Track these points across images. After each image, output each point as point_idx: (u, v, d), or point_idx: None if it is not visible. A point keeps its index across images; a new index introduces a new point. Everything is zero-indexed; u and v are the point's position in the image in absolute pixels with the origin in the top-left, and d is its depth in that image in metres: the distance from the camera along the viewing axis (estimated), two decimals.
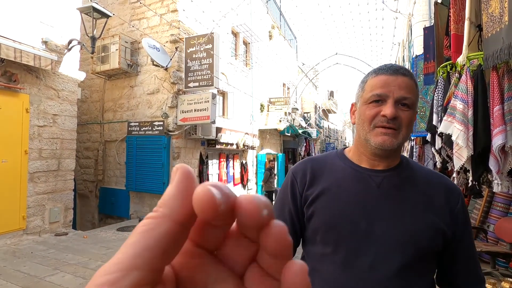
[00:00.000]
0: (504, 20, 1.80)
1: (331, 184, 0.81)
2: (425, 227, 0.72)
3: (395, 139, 0.74)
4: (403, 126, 0.75)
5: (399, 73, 0.75)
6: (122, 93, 7.53)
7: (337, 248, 0.74)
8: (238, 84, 9.25)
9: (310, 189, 0.82)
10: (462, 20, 2.53)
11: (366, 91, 0.78)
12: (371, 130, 0.76)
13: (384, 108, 0.74)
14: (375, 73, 0.78)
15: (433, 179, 0.80)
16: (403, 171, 0.80)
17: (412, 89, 0.75)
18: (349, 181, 0.80)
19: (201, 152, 7.84)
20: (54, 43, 5.26)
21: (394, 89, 0.74)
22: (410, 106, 0.75)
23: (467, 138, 2.00)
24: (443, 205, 0.76)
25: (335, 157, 0.88)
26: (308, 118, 17.11)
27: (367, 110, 0.77)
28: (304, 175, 0.85)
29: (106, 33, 7.19)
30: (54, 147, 5.35)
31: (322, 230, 0.77)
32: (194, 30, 7.35)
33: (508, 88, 1.84)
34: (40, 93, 5.09)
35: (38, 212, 5.06)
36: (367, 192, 0.77)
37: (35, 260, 4.00)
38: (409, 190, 0.77)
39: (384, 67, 0.78)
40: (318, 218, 0.78)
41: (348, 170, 0.82)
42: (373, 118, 0.76)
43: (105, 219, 7.58)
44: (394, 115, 0.72)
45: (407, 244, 0.71)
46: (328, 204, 0.78)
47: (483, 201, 3.96)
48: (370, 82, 0.78)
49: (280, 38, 13.62)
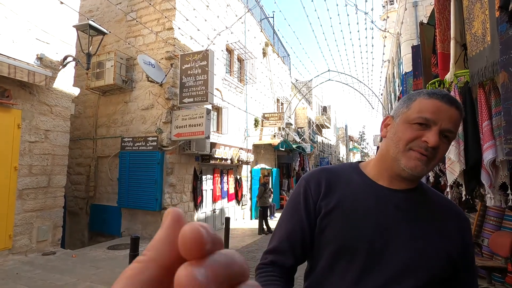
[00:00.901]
0: (486, 40, 1.89)
1: (347, 198, 0.78)
2: (439, 254, 0.71)
3: (426, 167, 0.72)
4: (437, 157, 0.73)
5: (454, 105, 0.72)
6: (116, 109, 7.52)
7: (349, 266, 0.72)
8: (232, 100, 9.34)
9: (325, 200, 0.79)
10: (448, 39, 2.64)
11: (413, 110, 0.75)
12: (405, 151, 0.73)
13: (428, 134, 0.71)
14: (428, 96, 0.74)
15: (446, 205, 0.80)
16: (421, 194, 0.79)
17: (458, 125, 0.74)
18: (366, 197, 0.77)
19: (195, 167, 7.78)
20: (49, 59, 5.29)
21: (444, 118, 0.71)
22: (450, 140, 0.73)
23: (459, 153, 2.04)
24: (455, 233, 0.75)
25: (350, 171, 0.85)
26: (302, 133, 17.25)
27: (409, 130, 0.74)
28: (318, 184, 0.82)
29: (102, 49, 7.26)
30: (45, 163, 5.26)
31: (333, 245, 0.75)
32: (189, 47, 7.49)
33: (495, 104, 1.91)
34: (32, 109, 5.05)
35: (26, 230, 4.89)
36: (383, 211, 0.75)
37: (21, 281, 3.83)
38: (425, 214, 0.76)
39: (440, 93, 0.74)
40: (331, 232, 0.76)
41: (364, 186, 0.79)
42: (412, 140, 0.73)
43: (96, 237, 7.36)
44: (437, 144, 0.70)
45: (421, 269, 0.69)
46: (342, 219, 0.75)
47: (477, 215, 3.98)
48: (420, 103, 0.74)
49: (274, 55, 13.93)
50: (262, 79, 12.14)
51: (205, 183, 8.31)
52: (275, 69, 13.88)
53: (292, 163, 14.95)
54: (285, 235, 0.82)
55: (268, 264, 0.80)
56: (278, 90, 14.28)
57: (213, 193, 8.66)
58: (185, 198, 7.39)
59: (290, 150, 13.82)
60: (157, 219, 6.75)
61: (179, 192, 7.17)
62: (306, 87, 19.86)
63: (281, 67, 14.91)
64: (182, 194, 7.28)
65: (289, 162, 14.87)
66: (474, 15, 2.02)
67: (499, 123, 1.86)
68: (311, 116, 20.43)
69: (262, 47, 12.48)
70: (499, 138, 1.82)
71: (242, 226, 9.71)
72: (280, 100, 14.52)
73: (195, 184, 7.69)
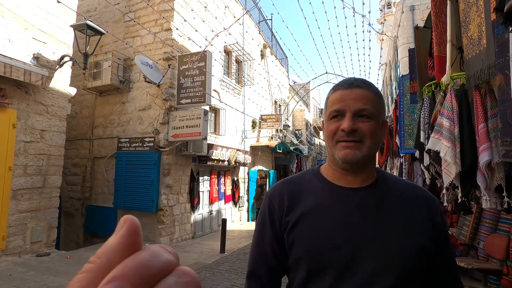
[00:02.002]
0: (482, 43, 1.90)
1: (310, 207, 0.78)
2: (409, 247, 0.70)
3: (358, 151, 0.73)
4: (366, 137, 0.74)
5: (354, 86, 0.76)
6: (113, 109, 7.48)
7: (322, 275, 0.72)
8: (230, 101, 9.34)
9: (289, 215, 0.79)
10: (444, 43, 2.66)
11: (328, 108, 0.80)
12: (335, 145, 0.77)
13: (342, 122, 0.75)
14: (333, 89, 0.80)
15: (411, 192, 0.79)
16: (380, 188, 0.78)
17: (369, 100, 0.75)
18: (328, 202, 0.77)
19: (192, 168, 7.75)
20: (46, 58, 5.25)
21: (350, 102, 0.75)
22: (370, 117, 0.74)
23: (455, 155, 2.05)
24: (424, 218, 0.74)
25: (311, 177, 0.86)
26: (299, 135, 17.27)
27: (329, 126, 0.78)
28: (281, 201, 0.82)
29: (99, 49, 7.23)
30: (40, 163, 5.21)
31: (305, 257, 0.74)
32: (188, 48, 7.48)
33: (491, 106, 1.92)
34: (28, 108, 5.01)
35: (20, 231, 4.84)
36: (347, 213, 0.74)
37: (14, 283, 3.78)
38: (389, 208, 0.75)
39: (341, 82, 0.79)
40: (300, 245, 0.76)
41: (325, 190, 0.80)
42: (335, 133, 0.76)
43: (91, 239, 7.29)
44: (351, 128, 0.73)
45: (393, 266, 0.69)
46: (308, 230, 0.75)
47: (472, 218, 4.00)
48: (330, 99, 0.80)
49: (272, 57, 13.97)
50: (260, 81, 12.16)
51: (202, 184, 8.28)
52: (273, 71, 13.91)
53: (290, 165, 14.95)
54: (259, 257, 0.85)
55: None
56: (276, 92, 14.31)
57: (210, 194, 8.63)
58: (182, 200, 7.36)
59: (287, 152, 13.83)
60: (154, 220, 6.71)
61: (176, 193, 7.13)
62: (303, 89, 19.92)
63: (279, 69, 14.95)
64: (179, 195, 7.25)
65: (287, 164, 14.87)
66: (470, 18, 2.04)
67: (495, 125, 1.87)
68: (308, 118, 20.48)
69: (260, 49, 12.51)
70: (495, 140, 1.83)
71: (239, 228, 9.68)
72: (278, 102, 14.55)
73: (192, 186, 7.66)
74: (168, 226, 6.86)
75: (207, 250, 6.28)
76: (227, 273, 4.65)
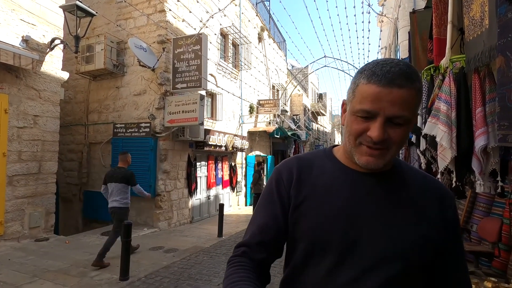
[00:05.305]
0: (484, 24, 1.84)
1: (318, 188, 0.74)
2: (415, 241, 0.67)
3: (382, 160, 0.67)
4: (394, 145, 0.66)
5: (395, 85, 0.62)
6: (107, 94, 7.36)
7: (322, 259, 0.69)
8: (227, 86, 9.21)
9: (296, 190, 0.75)
10: (445, 24, 2.58)
11: (356, 99, 0.67)
12: (357, 146, 0.69)
13: (372, 127, 0.64)
14: (367, 79, 0.65)
15: (426, 184, 0.75)
16: (395, 176, 0.74)
17: (409, 103, 0.63)
18: (338, 186, 0.73)
19: (189, 154, 7.74)
20: (35, 41, 5.09)
21: (385, 105, 0.62)
22: (403, 124, 0.65)
23: (451, 140, 2.02)
24: (436, 213, 0.71)
25: (323, 157, 0.81)
26: (297, 120, 17.19)
27: (354, 123, 0.68)
28: (290, 174, 0.77)
29: (91, 32, 7.02)
30: (35, 149, 5.16)
31: (306, 240, 0.71)
32: (182, 31, 7.27)
33: (489, 90, 1.87)
34: (20, 93, 4.90)
35: (17, 217, 4.86)
36: (356, 199, 0.70)
37: (13, 267, 3.82)
38: (401, 197, 0.71)
39: (380, 72, 0.63)
40: (304, 224, 0.72)
41: (337, 173, 0.75)
42: (359, 135, 0.67)
43: (90, 224, 7.35)
44: (381, 138, 0.64)
45: (396, 258, 0.66)
46: (314, 212, 0.71)
47: (467, 202, 4.04)
48: (361, 90, 0.66)
49: (270, 40, 13.67)
50: (257, 65, 11.95)
51: (200, 169, 8.29)
52: (270, 55, 13.65)
53: (287, 151, 14.97)
54: (258, 230, 0.77)
55: (240, 255, 0.77)
56: (273, 76, 14.11)
57: (208, 179, 8.66)
58: (179, 185, 7.38)
59: (285, 137, 13.81)
60: (152, 205, 6.76)
61: (173, 178, 7.15)
62: (302, 73, 19.66)
63: (276, 53, 14.67)
64: (176, 181, 7.27)
65: (284, 149, 14.89)
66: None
67: (492, 109, 1.83)
68: (306, 103, 20.33)
69: (258, 31, 12.21)
70: (492, 125, 1.80)
71: (237, 212, 9.80)
72: (275, 86, 14.37)
73: (189, 171, 7.67)
74: (166, 211, 6.92)
75: (205, 234, 6.36)
76: (224, 257, 4.73)
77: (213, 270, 4.12)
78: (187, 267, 4.21)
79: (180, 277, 3.82)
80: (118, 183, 4.41)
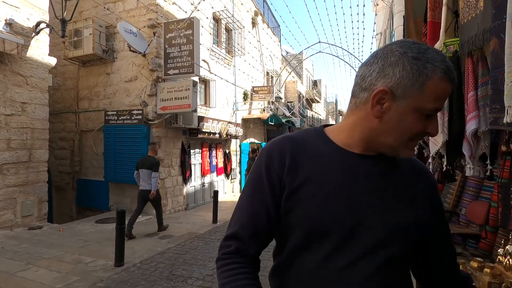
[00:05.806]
0: (479, 6, 1.81)
1: (314, 172, 0.70)
2: (411, 223, 0.68)
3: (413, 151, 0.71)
4: None
5: (454, 81, 0.62)
6: (98, 81, 7.19)
7: (319, 246, 0.68)
8: (220, 72, 9.06)
9: (290, 175, 0.70)
10: (440, 7, 2.53)
11: (429, 96, 0.60)
12: (405, 142, 0.66)
13: (432, 124, 0.64)
14: (445, 74, 0.60)
15: (415, 167, 0.77)
16: (387, 157, 0.73)
17: None
18: (335, 169, 0.70)
19: (183, 141, 7.69)
20: (19, 25, 4.90)
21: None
22: None
23: (443, 124, 2.03)
24: (426, 193, 0.73)
25: (315, 138, 0.75)
26: (291, 107, 17.13)
27: (418, 123, 0.63)
28: (282, 157, 0.71)
29: (79, 16, 6.78)
30: (24, 137, 5.06)
31: (303, 225, 0.69)
32: (173, 14, 7.07)
33: (482, 74, 1.87)
34: (6, 80, 4.76)
35: (9, 205, 4.81)
36: (354, 183, 0.69)
37: (6, 255, 3.82)
38: (395, 179, 0.72)
39: (451, 67, 0.61)
40: (300, 211, 0.69)
41: (333, 156, 0.71)
42: (416, 134, 0.65)
43: (83, 212, 7.35)
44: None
45: (395, 242, 0.67)
46: (311, 199, 0.68)
47: (456, 186, 4.12)
48: (437, 87, 0.60)
49: (264, 25, 13.40)
50: (251, 51, 11.75)
51: (194, 157, 8.27)
52: (264, 41, 13.41)
53: None
54: (247, 220, 0.73)
55: (234, 254, 0.73)
56: (268, 62, 13.92)
57: (202, 167, 8.66)
58: (173, 172, 7.37)
59: (279, 125, 13.79)
60: None
61: (167, 166, 7.12)
62: (296, 60, 19.43)
63: (270, 38, 14.41)
64: (170, 168, 7.24)
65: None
66: None
67: (484, 93, 1.83)
68: (301, 90, 20.21)
69: (251, 16, 11.93)
70: (483, 109, 1.80)
71: (231, 199, 9.87)
72: (270, 73, 14.21)
73: (183, 158, 7.64)
74: None
75: (200, 221, 6.42)
76: (219, 242, 4.77)
77: (208, 255, 4.17)
78: (182, 253, 4.26)
79: (175, 263, 3.86)
80: (146, 169, 5.01)
